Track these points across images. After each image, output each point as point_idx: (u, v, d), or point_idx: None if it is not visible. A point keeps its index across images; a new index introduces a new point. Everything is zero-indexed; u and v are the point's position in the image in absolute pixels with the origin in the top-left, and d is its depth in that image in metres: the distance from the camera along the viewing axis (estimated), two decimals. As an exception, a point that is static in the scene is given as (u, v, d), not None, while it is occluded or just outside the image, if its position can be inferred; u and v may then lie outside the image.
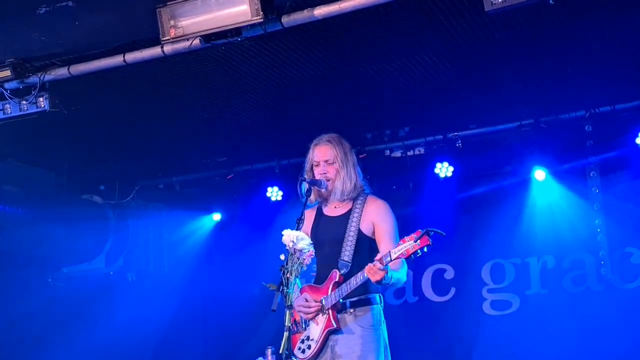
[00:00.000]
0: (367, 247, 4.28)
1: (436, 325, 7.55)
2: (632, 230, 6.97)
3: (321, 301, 4.24)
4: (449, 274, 7.70)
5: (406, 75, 6.01)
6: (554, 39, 5.46)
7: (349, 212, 4.39)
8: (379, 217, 4.34)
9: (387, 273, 3.98)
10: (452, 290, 7.65)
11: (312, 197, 4.44)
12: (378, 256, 4.02)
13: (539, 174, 7.19)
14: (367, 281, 4.07)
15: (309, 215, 4.50)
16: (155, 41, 4.87)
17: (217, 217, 8.34)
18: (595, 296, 7.10)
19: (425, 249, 3.91)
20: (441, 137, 7.28)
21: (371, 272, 3.99)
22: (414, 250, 3.91)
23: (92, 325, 8.09)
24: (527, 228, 7.35)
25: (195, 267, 8.33)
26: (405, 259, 3.97)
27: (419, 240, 3.90)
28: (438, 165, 7.32)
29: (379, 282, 4.02)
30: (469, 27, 5.16)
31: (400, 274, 4.20)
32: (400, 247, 3.96)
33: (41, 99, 5.39)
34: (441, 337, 7.48)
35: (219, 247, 8.40)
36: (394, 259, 3.96)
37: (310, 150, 4.50)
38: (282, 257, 4.15)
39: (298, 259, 4.12)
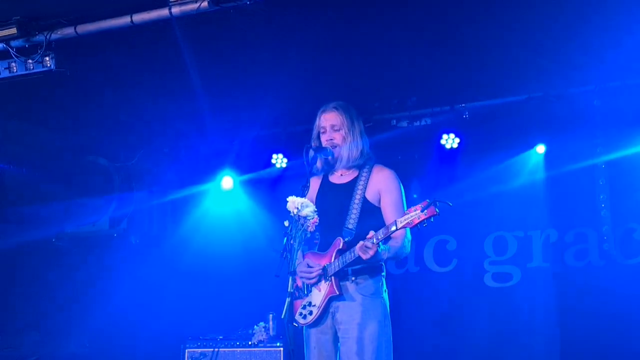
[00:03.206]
0: (372, 216, 4.28)
1: (437, 296, 7.59)
2: (636, 206, 6.95)
3: (324, 268, 4.26)
4: (452, 245, 7.72)
5: (414, 44, 5.95)
6: (565, 11, 5.40)
7: (355, 180, 4.38)
8: (385, 186, 4.33)
9: (378, 249, 3.99)
10: (454, 262, 7.68)
11: (318, 164, 4.43)
12: (370, 234, 4.02)
13: (541, 148, 7.20)
14: (369, 249, 4.08)
15: (315, 183, 4.49)
16: (164, 2, 4.83)
17: (221, 182, 8.33)
18: (596, 271, 7.11)
19: (432, 219, 3.90)
20: (448, 108, 7.24)
21: (361, 250, 4.00)
22: (420, 220, 3.91)
23: (92, 287, 8.14)
24: (531, 201, 7.35)
25: (198, 231, 8.33)
26: (411, 228, 3.98)
27: (425, 210, 3.89)
28: (444, 136, 7.30)
29: (370, 260, 4.03)
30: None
31: (401, 245, 4.20)
32: (406, 216, 3.96)
33: (47, 58, 5.35)
34: (441, 307, 7.52)
35: (222, 212, 8.40)
36: (400, 228, 3.97)
37: (318, 117, 4.48)
38: (286, 223, 4.14)
39: (302, 225, 4.12)
